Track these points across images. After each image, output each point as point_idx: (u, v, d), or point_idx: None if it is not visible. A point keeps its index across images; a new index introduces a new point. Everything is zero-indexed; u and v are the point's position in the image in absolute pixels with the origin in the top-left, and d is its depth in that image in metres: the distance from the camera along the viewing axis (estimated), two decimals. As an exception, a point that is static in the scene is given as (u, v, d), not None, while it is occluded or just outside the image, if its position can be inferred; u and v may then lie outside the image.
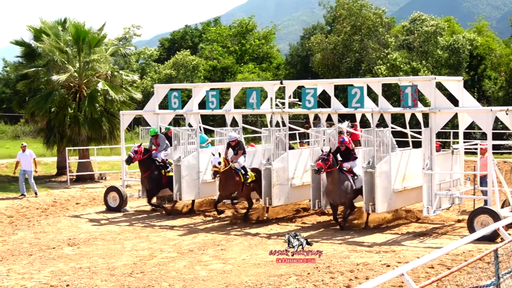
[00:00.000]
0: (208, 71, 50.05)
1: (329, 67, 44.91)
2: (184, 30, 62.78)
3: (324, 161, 16.47)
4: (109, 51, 31.30)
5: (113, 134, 28.94)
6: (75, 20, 30.93)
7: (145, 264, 14.06)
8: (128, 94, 29.91)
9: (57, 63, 29.08)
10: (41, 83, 29.26)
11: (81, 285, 12.46)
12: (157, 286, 12.30)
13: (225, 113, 21.11)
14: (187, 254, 14.78)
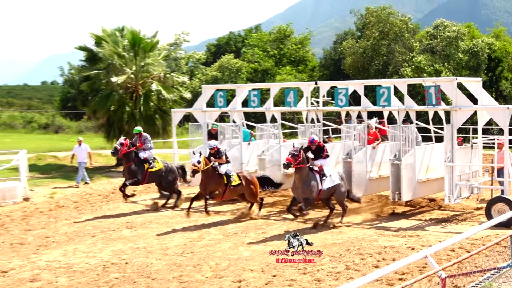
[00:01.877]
0: (250, 73, 50.07)
1: (359, 69, 44.71)
2: (229, 36, 62.83)
3: (294, 157, 15.17)
4: (161, 55, 31.54)
5: (166, 129, 29.19)
6: (131, 28, 31.19)
7: (194, 245, 14.19)
8: (178, 93, 30.11)
9: (116, 66, 29.37)
10: (101, 84, 29.58)
11: (138, 263, 12.60)
12: (205, 265, 12.40)
13: (265, 110, 21.22)
14: (231, 236, 14.88)
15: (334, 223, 15.95)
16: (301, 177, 15.40)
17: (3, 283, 11.60)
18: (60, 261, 13.03)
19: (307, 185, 15.40)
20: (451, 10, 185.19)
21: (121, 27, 31.60)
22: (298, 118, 31.51)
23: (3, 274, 12.16)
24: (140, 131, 19.64)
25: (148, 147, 19.41)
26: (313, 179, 15.53)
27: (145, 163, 19.15)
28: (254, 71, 50.45)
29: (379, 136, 19.13)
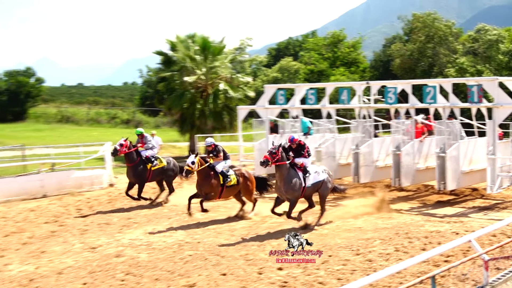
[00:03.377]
0: (307, 74, 49.89)
1: (407, 70, 44.13)
2: (288, 41, 62.70)
3: (271, 154, 13.37)
4: (228, 58, 31.73)
5: (232, 124, 29.44)
6: (202, 34, 31.54)
7: (258, 227, 14.24)
8: (243, 92, 30.29)
9: (188, 68, 29.76)
10: (176, 84, 30.02)
11: (209, 242, 12.71)
12: (268, 245, 12.42)
13: (321, 107, 21.12)
14: (291, 220, 14.84)
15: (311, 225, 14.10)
16: (282, 175, 13.60)
17: (92, 257, 11.87)
18: (141, 239, 13.25)
19: (288, 183, 13.62)
20: (492, 16, 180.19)
21: (192, 33, 32.04)
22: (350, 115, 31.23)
23: (92, 250, 12.45)
24: (142, 133, 18.03)
25: (149, 146, 17.89)
26: (295, 176, 13.73)
27: (148, 163, 17.67)
28: (310, 72, 50.25)
29: (425, 130, 18.83)
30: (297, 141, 14.02)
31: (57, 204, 17.52)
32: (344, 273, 10.42)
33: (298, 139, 14.18)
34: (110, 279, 10.43)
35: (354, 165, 18.24)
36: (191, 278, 10.31)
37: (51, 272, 10.93)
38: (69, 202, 17.99)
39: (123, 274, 10.69)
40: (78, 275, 10.68)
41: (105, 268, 11.07)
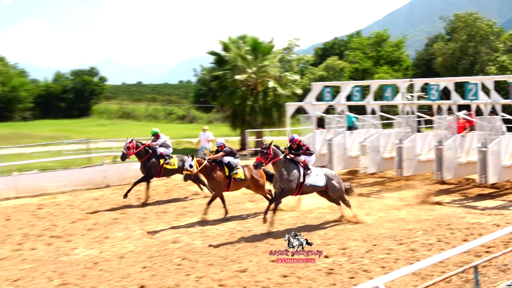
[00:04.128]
0: (351, 72, 49.43)
1: (448, 68, 43.23)
2: (333, 41, 62.24)
3: (263, 155, 12.45)
4: (277, 58, 31.69)
5: (281, 120, 29.37)
6: (252, 35, 31.58)
7: (306, 217, 14.18)
8: (291, 90, 30.22)
9: (239, 67, 29.84)
10: (228, 82, 30.15)
11: (259, 231, 12.71)
12: (314, 234, 12.38)
13: (366, 104, 20.95)
14: (337, 211, 14.73)
15: (346, 217, 13.52)
16: (278, 168, 12.70)
17: (151, 243, 12.04)
18: (195, 227, 13.38)
19: (284, 175, 12.64)
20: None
21: (243, 35, 32.13)
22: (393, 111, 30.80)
23: (151, 236, 12.64)
24: (157, 133, 17.19)
25: (158, 144, 16.96)
26: (295, 168, 12.79)
27: (161, 158, 16.90)
28: (355, 71, 49.76)
29: (467, 126, 18.41)
30: (297, 141, 13.16)
31: (119, 193, 17.81)
32: (387, 262, 10.30)
33: (298, 139, 13.27)
34: (168, 263, 10.57)
35: (398, 158, 17.98)
36: (243, 264, 10.36)
37: (113, 256, 11.15)
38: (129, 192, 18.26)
39: (180, 259, 10.82)
40: (138, 259, 10.85)
41: (163, 253, 11.22)
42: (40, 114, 61.23)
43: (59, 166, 21.26)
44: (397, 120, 21.37)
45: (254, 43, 30.68)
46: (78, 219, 14.64)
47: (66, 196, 18.09)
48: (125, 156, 16.32)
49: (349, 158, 20.07)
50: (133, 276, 9.88)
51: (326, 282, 9.35)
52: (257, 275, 9.75)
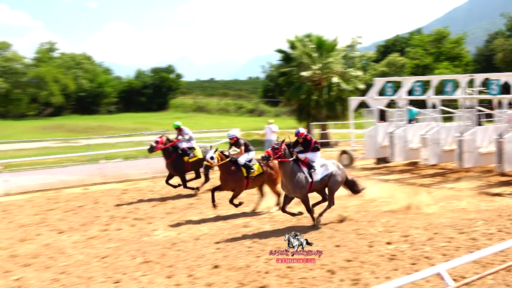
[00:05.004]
0: (412, 68, 48.34)
1: (509, 63, 41.62)
2: (395, 38, 61.01)
3: (273, 150, 11.43)
4: (340, 55, 31.30)
5: (344, 113, 29.02)
6: (317, 34, 31.33)
7: (368, 205, 13.94)
8: (354, 85, 29.80)
9: (305, 64, 29.66)
10: (294, 78, 30.02)
11: (324, 217, 12.51)
12: (377, 222, 12.17)
13: (426, 98, 20.37)
14: (396, 200, 14.38)
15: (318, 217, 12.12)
16: (285, 172, 11.59)
17: (224, 226, 12.17)
18: (264, 213, 13.40)
19: (294, 181, 11.57)
20: None
21: (309, 33, 31.88)
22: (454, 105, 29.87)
23: (224, 221, 12.76)
24: (179, 126, 16.46)
25: (185, 139, 16.31)
26: (299, 171, 11.63)
27: (185, 156, 16.03)
28: (416, 66, 48.62)
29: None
30: (303, 135, 11.97)
31: (194, 180, 18.09)
32: (448, 250, 10.00)
33: (305, 133, 12.05)
34: (239, 245, 10.65)
35: (458, 151, 17.42)
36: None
37: (189, 237, 11.33)
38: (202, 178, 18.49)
39: (250, 242, 10.88)
40: (212, 241, 10.98)
41: (235, 236, 11.32)
42: (123, 108, 63.07)
43: (141, 155, 21.78)
44: (458, 114, 20.71)
45: (319, 41, 30.44)
46: (158, 203, 14.97)
47: (147, 182, 18.54)
48: (152, 149, 15.71)
49: (410, 150, 19.62)
50: (208, 257, 10.02)
51: (389, 267, 9.18)
52: (322, 258, 9.69)
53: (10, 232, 12.30)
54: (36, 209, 14.72)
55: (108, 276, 9.11)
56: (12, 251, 10.77)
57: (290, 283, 8.62)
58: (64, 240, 11.45)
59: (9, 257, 10.39)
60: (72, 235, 11.84)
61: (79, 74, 62.19)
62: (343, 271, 9.07)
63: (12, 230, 12.49)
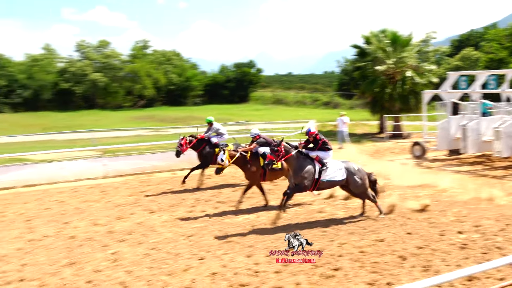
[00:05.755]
0: (487, 62, 46.05)
1: None
2: (469, 33, 58.41)
3: (274, 153, 10.59)
4: (414, 49, 30.34)
5: (417, 106, 28.14)
6: (392, 29, 30.56)
7: (440, 195, 13.44)
8: (427, 79, 28.83)
9: (379, 59, 28.99)
10: (368, 72, 29.45)
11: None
12: (448, 211, 11.72)
13: (501, 91, 19.43)
14: (471, 190, 13.78)
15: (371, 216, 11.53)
16: (292, 165, 10.85)
17: (300, 211, 12.13)
18: (339, 199, 13.17)
19: (298, 171, 10.72)
20: None
21: (383, 29, 31.15)
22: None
23: (300, 206, 12.73)
24: (211, 121, 15.76)
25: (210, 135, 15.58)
26: (309, 164, 10.80)
27: (216, 148, 15.06)
28: (490, 60, 46.22)
29: None
30: (313, 134, 11.09)
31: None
32: (521, 241, 9.52)
33: (315, 132, 11.17)
34: (314, 230, 10.61)
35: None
36: (381, 234, 10.12)
37: (268, 221, 11.39)
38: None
39: (324, 226, 10.81)
40: (289, 225, 10.99)
41: (310, 221, 11.29)
42: (207, 100, 64.28)
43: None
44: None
45: (394, 36, 29.64)
46: (239, 188, 15.11)
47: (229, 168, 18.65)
48: (179, 153, 15.04)
49: (483, 142, 18.77)
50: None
51: (460, 256, 8.85)
52: (394, 245, 9.49)
53: (107, 210, 12.87)
54: (131, 190, 15.31)
55: (193, 253, 9.34)
56: (109, 227, 11.27)
57: (362, 266, 8.50)
58: (155, 219, 11.85)
59: (107, 233, 10.88)
60: (161, 215, 12.23)
61: (169, 69, 63.91)
62: (414, 257, 8.84)
63: (110, 209, 13.06)
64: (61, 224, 11.66)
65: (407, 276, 8.07)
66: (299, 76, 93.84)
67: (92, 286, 8.02)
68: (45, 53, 59.62)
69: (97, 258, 9.24)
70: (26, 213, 12.80)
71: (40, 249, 9.87)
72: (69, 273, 8.58)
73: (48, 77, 56.33)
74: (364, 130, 31.49)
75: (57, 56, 60.61)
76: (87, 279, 8.27)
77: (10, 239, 10.59)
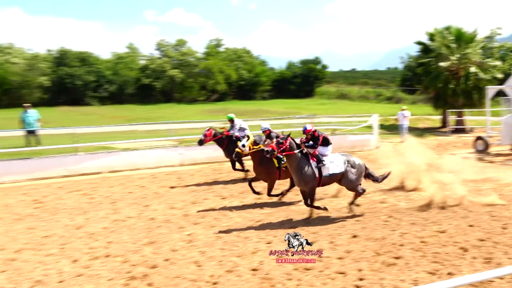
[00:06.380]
0: (556, 57, 43.29)
1: None
2: (536, 29, 55.13)
3: (278, 144, 10.02)
4: (479, 46, 29.02)
5: (480, 101, 26.91)
6: (456, 26, 29.35)
7: (502, 189, 12.81)
8: (491, 74, 27.57)
9: (443, 55, 27.98)
10: (432, 68, 28.51)
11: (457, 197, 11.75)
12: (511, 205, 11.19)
13: None
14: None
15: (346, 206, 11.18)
16: (292, 166, 10.24)
17: (362, 201, 11.89)
18: (400, 191, 12.79)
19: (300, 174, 10.18)
20: None
21: (448, 26, 29.98)
22: None
23: (362, 196, 12.43)
24: (232, 118, 15.16)
25: (236, 129, 15.02)
26: (307, 165, 10.20)
27: (238, 141, 14.40)
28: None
29: None
30: (310, 131, 10.42)
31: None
32: None
33: (312, 129, 10.45)
34: (376, 219, 10.42)
35: None
36: (442, 226, 9.79)
37: (331, 209, 11.22)
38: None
39: (386, 216, 10.59)
40: (352, 214, 10.83)
41: (372, 210, 11.08)
42: (275, 95, 64.34)
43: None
44: None
45: (458, 33, 28.48)
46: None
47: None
48: (202, 142, 14.70)
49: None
50: (347, 227, 9.93)
51: (523, 250, 8.42)
52: (455, 236, 9.15)
53: (183, 195, 13.20)
54: (204, 178, 15.61)
55: (261, 237, 9.41)
56: (185, 211, 11.56)
57: (424, 256, 8.26)
58: (226, 205, 12.02)
59: (182, 216, 11.16)
60: (232, 201, 12.39)
61: (240, 65, 64.48)
62: (475, 249, 8.49)
63: (185, 194, 13.39)
64: (142, 206, 12.08)
65: (468, 267, 7.77)
66: (362, 72, 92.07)
67: (169, 264, 8.26)
68: (129, 51, 61.84)
69: (174, 238, 9.51)
70: (112, 196, 13.36)
71: (123, 229, 10.28)
72: (149, 251, 8.88)
73: (131, 73, 58.35)
74: (426, 124, 30.51)
75: (140, 54, 62.66)
76: (164, 257, 8.53)
77: (98, 219, 11.09)
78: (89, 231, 10.19)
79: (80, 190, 14.08)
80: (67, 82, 54.35)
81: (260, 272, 7.77)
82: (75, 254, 8.84)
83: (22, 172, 15.78)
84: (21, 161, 16.15)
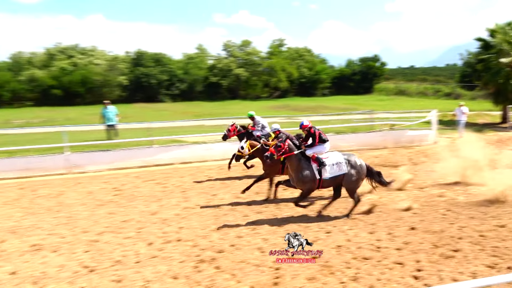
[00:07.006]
0: None
1: None
2: None
3: (276, 147, 9.49)
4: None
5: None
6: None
7: None
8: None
9: (504, 51, 26.50)
10: (492, 64, 27.07)
11: None
12: None
13: None
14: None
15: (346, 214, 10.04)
16: (292, 166, 9.67)
17: (420, 195, 11.51)
18: (459, 185, 12.31)
19: (298, 175, 9.59)
20: None
21: (509, 21, 28.27)
22: None
23: (420, 189, 12.09)
24: (252, 115, 14.47)
25: (259, 128, 14.31)
26: (307, 167, 9.58)
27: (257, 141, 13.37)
28: None
29: None
30: (306, 127, 9.82)
31: (394, 153, 17.48)
32: None
33: (309, 125, 9.84)
34: (434, 212, 10.07)
35: None
36: (502, 220, 9.30)
37: (389, 201, 10.93)
38: (402, 153, 17.79)
39: (444, 210, 10.21)
40: (410, 206, 10.50)
41: (430, 204, 10.71)
42: (334, 92, 63.51)
43: (349, 130, 21.71)
44: None
45: (518, 28, 26.89)
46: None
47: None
48: (226, 137, 14.36)
49: None
50: (405, 219, 9.66)
51: None
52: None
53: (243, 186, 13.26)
54: (267, 170, 15.59)
55: (321, 227, 9.33)
56: (249, 200, 11.58)
57: (482, 250, 7.89)
58: (287, 196, 11.96)
59: (246, 205, 11.22)
60: (293, 192, 12.31)
61: (301, 64, 64.10)
62: (537, 245, 8.01)
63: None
64: (210, 195, 12.30)
65: (529, 262, 7.34)
66: (421, 69, 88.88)
67: (234, 249, 8.37)
68: (198, 52, 63.04)
69: (239, 226, 9.61)
70: (182, 185, 13.69)
71: (193, 216, 10.51)
72: (216, 237, 9.03)
73: (200, 72, 59.49)
74: (486, 120, 29.04)
75: (208, 54, 63.70)
76: (230, 243, 8.65)
77: (170, 206, 11.40)
78: (162, 217, 10.50)
79: (155, 179, 14.53)
80: (143, 81, 56.24)
81: (320, 260, 7.71)
82: (150, 237, 9.14)
83: (104, 163, 16.49)
84: (103, 153, 16.88)
